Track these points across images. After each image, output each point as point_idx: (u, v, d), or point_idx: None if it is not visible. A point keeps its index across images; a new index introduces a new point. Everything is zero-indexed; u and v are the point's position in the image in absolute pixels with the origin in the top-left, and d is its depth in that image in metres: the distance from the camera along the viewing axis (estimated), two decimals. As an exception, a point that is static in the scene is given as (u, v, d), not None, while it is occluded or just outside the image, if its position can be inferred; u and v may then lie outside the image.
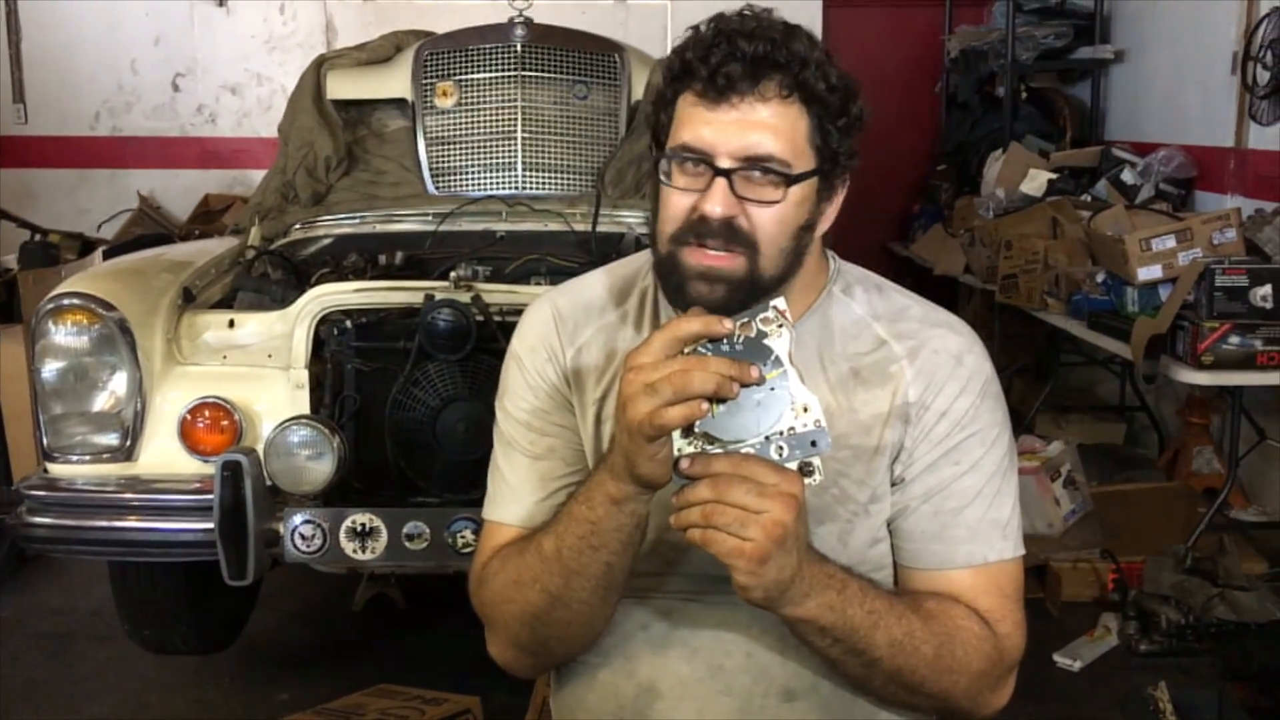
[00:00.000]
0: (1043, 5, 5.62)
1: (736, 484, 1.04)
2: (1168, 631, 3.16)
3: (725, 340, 1.06)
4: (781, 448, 1.06)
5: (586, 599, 1.21)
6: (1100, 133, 5.63)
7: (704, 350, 1.06)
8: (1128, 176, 4.75)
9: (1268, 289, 3.19)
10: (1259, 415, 3.87)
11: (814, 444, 1.06)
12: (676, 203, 1.20)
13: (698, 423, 1.05)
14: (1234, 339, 3.19)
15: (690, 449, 1.06)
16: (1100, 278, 3.81)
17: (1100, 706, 2.97)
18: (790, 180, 1.18)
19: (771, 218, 1.19)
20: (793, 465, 1.06)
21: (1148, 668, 3.06)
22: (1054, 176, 4.93)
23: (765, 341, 1.06)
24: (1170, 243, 3.52)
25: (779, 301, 1.08)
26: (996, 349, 4.73)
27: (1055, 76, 5.89)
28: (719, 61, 1.16)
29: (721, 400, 1.04)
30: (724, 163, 1.17)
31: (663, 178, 1.21)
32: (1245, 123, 4.37)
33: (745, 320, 1.07)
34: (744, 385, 1.04)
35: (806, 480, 1.06)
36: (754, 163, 1.17)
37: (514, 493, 1.34)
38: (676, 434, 1.06)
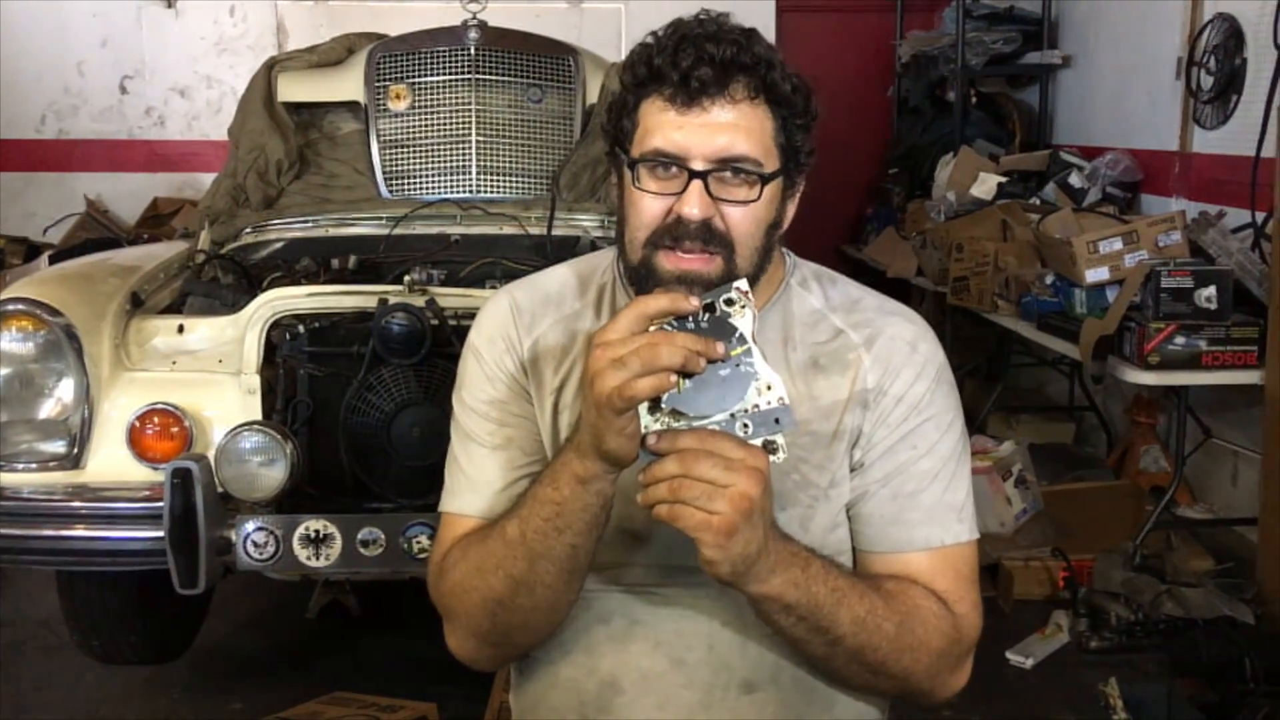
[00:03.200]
0: (992, 11, 5.71)
1: (703, 459, 1.05)
2: (1118, 628, 3.20)
3: (690, 318, 1.07)
4: (746, 424, 1.07)
5: (550, 583, 1.21)
6: (1048, 137, 5.71)
7: (669, 328, 1.07)
8: (1075, 180, 4.83)
9: (1212, 290, 3.25)
10: (1204, 414, 3.94)
11: (778, 421, 1.07)
12: (649, 208, 1.21)
13: (664, 399, 1.06)
14: (1179, 339, 3.25)
15: (657, 425, 1.07)
16: (1049, 279, 3.86)
17: (1052, 703, 3.01)
18: (764, 179, 1.20)
19: (746, 217, 1.21)
20: (757, 442, 1.07)
21: (1098, 664, 3.09)
22: (1003, 180, 4.99)
23: (729, 321, 1.08)
24: (1117, 245, 3.58)
25: (741, 283, 1.09)
26: (948, 350, 4.77)
27: (1004, 81, 5.99)
28: (689, 66, 1.17)
29: (688, 375, 1.05)
30: (699, 165, 1.19)
31: (634, 183, 1.22)
32: (1189, 127, 4.46)
33: (709, 301, 1.08)
34: (710, 361, 1.05)
35: (771, 457, 1.08)
36: (728, 164, 1.19)
37: (472, 484, 1.34)
38: (643, 410, 1.07)
